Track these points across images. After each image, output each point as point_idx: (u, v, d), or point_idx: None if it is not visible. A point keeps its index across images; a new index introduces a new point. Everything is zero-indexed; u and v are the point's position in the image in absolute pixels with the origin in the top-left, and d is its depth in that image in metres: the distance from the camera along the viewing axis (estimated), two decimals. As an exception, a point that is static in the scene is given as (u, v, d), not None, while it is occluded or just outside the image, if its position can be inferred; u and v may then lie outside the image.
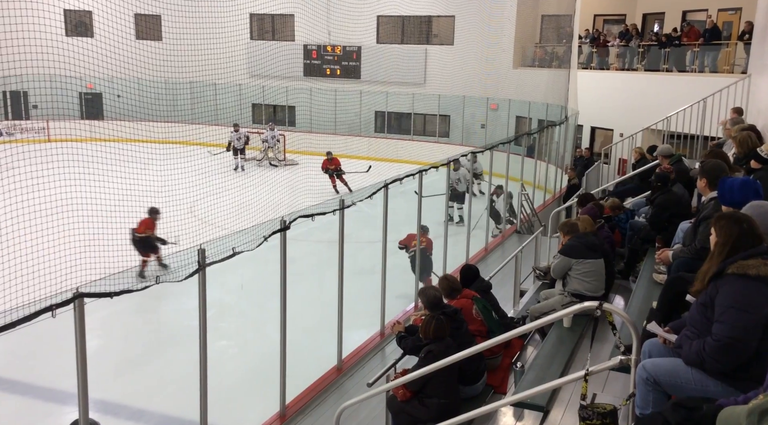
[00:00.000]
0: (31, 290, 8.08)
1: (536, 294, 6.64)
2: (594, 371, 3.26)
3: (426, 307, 4.89)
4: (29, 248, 9.48)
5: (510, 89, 21.29)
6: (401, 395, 4.57)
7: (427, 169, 8.74)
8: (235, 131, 21.07)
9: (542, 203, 14.28)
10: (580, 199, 7.61)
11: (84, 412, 4.02)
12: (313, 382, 6.44)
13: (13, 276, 8.76)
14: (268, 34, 25.91)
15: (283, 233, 5.90)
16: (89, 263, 8.41)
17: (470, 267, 6.11)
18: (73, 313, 3.96)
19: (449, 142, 23.17)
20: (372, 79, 24.10)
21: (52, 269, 8.49)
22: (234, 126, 21.21)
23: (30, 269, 8.55)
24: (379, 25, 24.40)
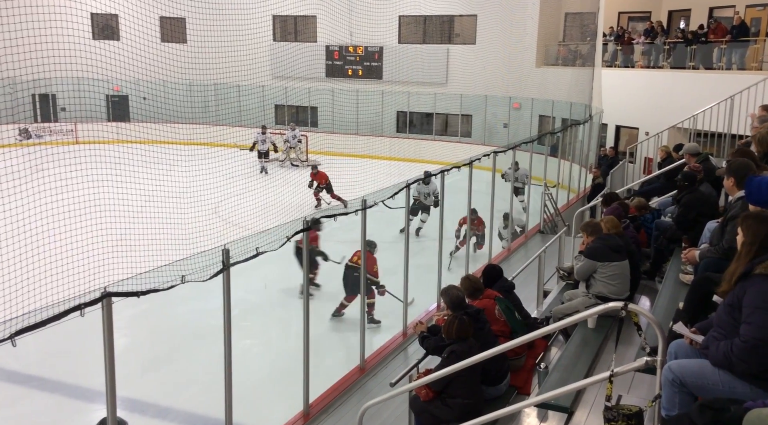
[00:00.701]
0: (60, 289, 8.25)
1: (560, 295, 6.59)
2: (619, 372, 3.23)
3: (448, 307, 4.88)
4: (58, 249, 9.66)
5: (533, 88, 21.14)
6: (424, 395, 4.57)
7: (449, 169, 8.72)
8: (262, 133, 20.58)
9: (566, 203, 14.16)
10: (605, 198, 7.53)
11: (112, 410, 4.09)
12: (336, 381, 6.47)
13: (42, 276, 8.94)
14: (291, 35, 26.07)
15: (306, 233, 5.93)
16: (116, 263, 8.55)
17: (493, 267, 6.08)
18: (101, 312, 4.03)
19: (471, 141, 23.08)
20: (394, 79, 24.11)
21: (81, 269, 8.65)
22: (262, 128, 20.72)
23: (59, 269, 8.72)
24: (401, 25, 24.40)
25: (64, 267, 8.75)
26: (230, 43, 18.68)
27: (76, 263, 8.49)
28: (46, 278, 8.60)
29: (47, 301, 7.66)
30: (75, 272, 8.59)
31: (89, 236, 11.75)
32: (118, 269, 8.20)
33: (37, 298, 7.71)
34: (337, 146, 22.64)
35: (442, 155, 20.65)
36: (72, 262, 8.68)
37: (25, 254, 9.70)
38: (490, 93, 22.76)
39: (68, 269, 8.45)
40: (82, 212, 10.43)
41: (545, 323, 5.81)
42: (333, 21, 22.93)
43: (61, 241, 9.84)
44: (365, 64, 24.69)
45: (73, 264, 8.58)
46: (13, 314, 5.83)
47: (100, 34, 24.48)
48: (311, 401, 5.97)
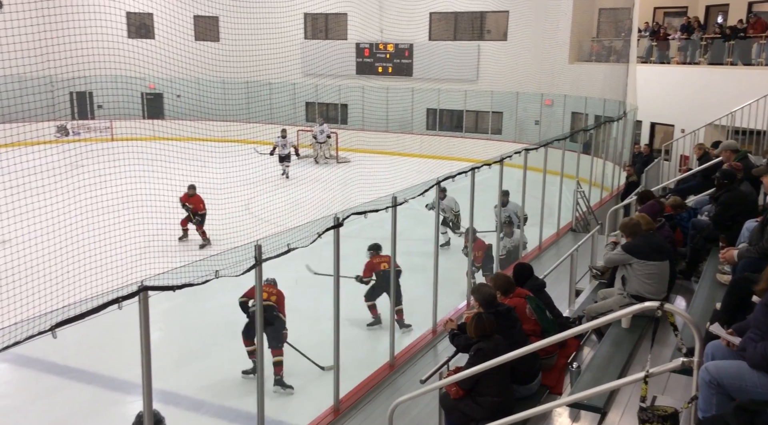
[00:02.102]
0: (98, 283, 8.44)
1: (593, 294, 6.51)
2: (654, 372, 3.18)
3: (480, 305, 4.86)
4: (96, 243, 9.89)
5: (565, 85, 20.89)
6: (454, 393, 4.57)
7: (480, 166, 8.67)
8: (282, 137, 19.77)
9: (599, 201, 13.98)
10: (640, 196, 7.41)
11: (148, 401, 4.17)
12: (366, 378, 6.50)
13: (81, 270, 9.16)
14: (322, 33, 26.20)
15: (336, 230, 5.96)
16: (152, 258, 8.73)
17: (523, 266, 6.03)
18: (138, 305, 4.12)
19: (502, 139, 22.92)
20: (424, 76, 24.06)
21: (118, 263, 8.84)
22: (282, 132, 19.94)
23: (97, 263, 8.93)
24: (431, 22, 24.33)
25: (102, 261, 8.96)
26: (262, 41, 18.83)
27: (114, 258, 8.67)
28: (84, 272, 8.81)
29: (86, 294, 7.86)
30: (112, 267, 8.79)
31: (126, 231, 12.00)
32: (153, 263, 8.37)
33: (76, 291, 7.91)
34: (367, 144, 22.68)
35: (473, 152, 20.54)
36: (109, 256, 8.87)
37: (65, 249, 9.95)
38: (521, 90, 22.56)
39: (106, 264, 8.64)
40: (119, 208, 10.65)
41: (577, 322, 5.75)
42: (363, 18, 22.98)
43: (99, 236, 10.07)
44: (395, 62, 24.68)
45: (110, 259, 8.77)
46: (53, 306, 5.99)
47: (136, 32, 24.91)
48: (341, 396, 6.01)
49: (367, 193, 11.75)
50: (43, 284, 8.69)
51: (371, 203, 6.86)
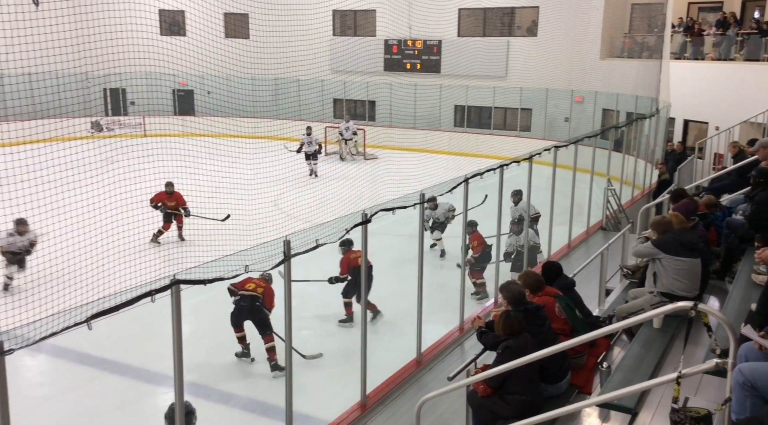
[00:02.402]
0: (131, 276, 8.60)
1: (623, 293, 6.43)
2: (687, 373, 3.14)
3: (508, 303, 4.84)
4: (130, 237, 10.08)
5: (596, 81, 20.61)
6: (482, 390, 4.55)
7: (509, 163, 8.61)
8: (308, 134, 19.35)
9: (630, 199, 13.78)
10: (674, 195, 7.28)
11: (180, 393, 4.24)
12: (393, 374, 6.51)
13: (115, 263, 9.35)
14: (350, 30, 26.25)
15: (364, 226, 5.98)
16: (184, 252, 8.87)
17: (552, 264, 5.98)
18: (170, 298, 4.19)
19: (531, 136, 22.72)
20: (452, 73, 23.96)
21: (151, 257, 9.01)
22: (306, 129, 19.52)
23: (131, 257, 9.11)
24: (460, 18, 24.19)
25: (136, 255, 9.14)
26: (291, 38, 18.95)
27: (147, 252, 8.82)
28: (118, 266, 8.98)
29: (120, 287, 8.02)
30: (145, 260, 8.95)
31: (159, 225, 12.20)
32: (185, 257, 8.51)
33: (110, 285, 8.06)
34: (395, 140, 22.69)
35: (501, 149, 20.40)
36: (143, 250, 9.03)
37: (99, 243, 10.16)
38: (551, 86, 22.32)
39: (139, 257, 8.81)
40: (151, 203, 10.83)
41: (607, 322, 5.69)
42: (392, 15, 22.96)
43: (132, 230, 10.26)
44: (423, 58, 24.62)
45: (143, 252, 8.93)
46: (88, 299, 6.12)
47: (168, 30, 25.25)
48: (368, 392, 6.04)
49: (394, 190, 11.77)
50: (78, 277, 8.89)
51: (399, 199, 6.87)
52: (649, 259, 5.62)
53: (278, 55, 19.63)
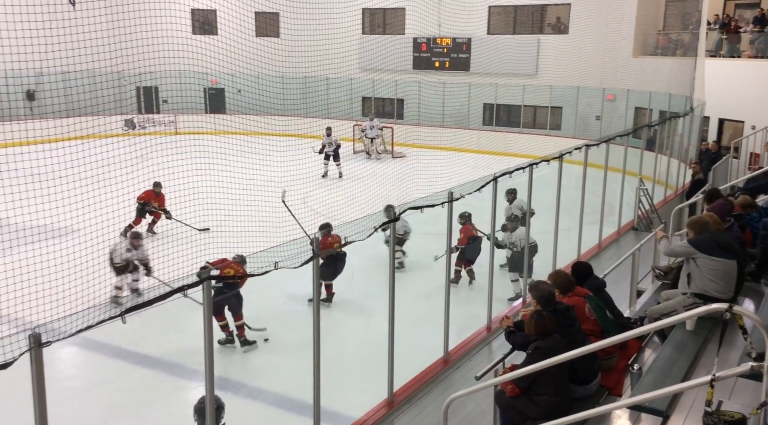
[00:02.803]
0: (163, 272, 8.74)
1: (655, 295, 6.33)
2: (721, 377, 3.08)
3: (537, 303, 4.80)
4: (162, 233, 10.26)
5: (629, 79, 20.29)
6: (510, 390, 4.53)
7: (538, 162, 8.53)
8: (328, 135, 18.78)
9: (662, 199, 13.55)
10: (709, 195, 7.14)
11: (210, 387, 4.30)
12: (420, 372, 6.52)
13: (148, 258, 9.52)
14: (380, 28, 26.27)
15: (392, 225, 5.99)
16: (215, 249, 8.97)
17: (582, 264, 5.91)
18: (201, 294, 4.25)
19: (560, 135, 22.47)
20: (481, 71, 23.81)
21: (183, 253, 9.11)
22: (327, 129, 18.94)
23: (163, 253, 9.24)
24: (490, 15, 24.03)
25: (168, 251, 9.27)
26: (321, 36, 19.06)
27: (179, 248, 8.95)
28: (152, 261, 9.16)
29: (152, 283, 8.18)
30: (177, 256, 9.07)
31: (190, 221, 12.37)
32: (216, 254, 8.62)
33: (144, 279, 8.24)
34: (423, 139, 22.64)
35: (530, 148, 20.21)
36: (174, 246, 9.15)
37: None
38: (582, 84, 22.04)
39: (171, 253, 8.92)
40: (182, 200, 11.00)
41: (639, 323, 5.60)
42: (421, 13, 22.91)
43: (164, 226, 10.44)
44: (452, 56, 24.52)
45: (175, 248, 9.05)
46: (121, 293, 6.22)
47: (200, 29, 25.58)
48: (395, 390, 6.05)
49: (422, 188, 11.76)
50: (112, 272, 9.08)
51: (427, 198, 6.86)
52: (684, 259, 5.52)
53: (308, 53, 19.76)
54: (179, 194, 11.09)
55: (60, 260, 9.50)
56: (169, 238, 10.09)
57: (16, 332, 3.50)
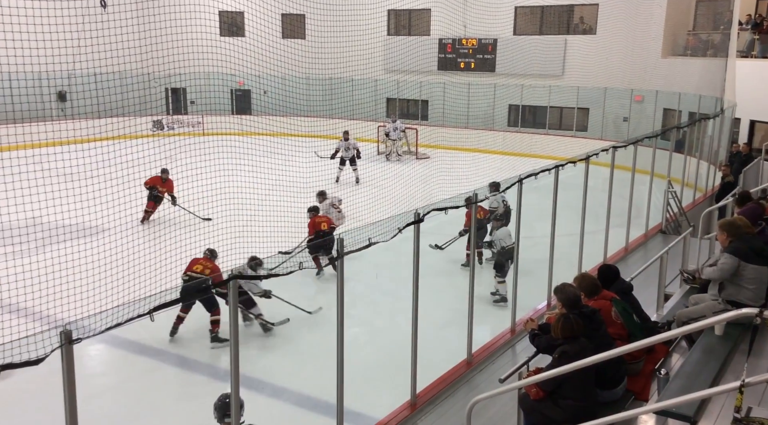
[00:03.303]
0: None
1: (683, 299, 6.23)
2: (751, 383, 3.02)
3: (563, 306, 4.76)
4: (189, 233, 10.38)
5: (658, 80, 20.00)
6: (534, 394, 4.50)
7: (564, 164, 8.46)
8: (345, 139, 17.82)
9: (691, 202, 13.34)
10: (739, 198, 7.01)
11: (235, 385, 4.35)
12: (443, 374, 6.50)
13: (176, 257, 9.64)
14: (405, 29, 26.28)
15: (416, 226, 5.99)
16: (241, 248, 9.06)
17: (609, 267, 5.84)
18: (228, 293, 4.30)
19: (587, 136, 22.24)
20: (507, 71, 23.67)
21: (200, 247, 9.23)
22: (344, 134, 17.97)
23: (191, 253, 9.36)
24: (517, 16, 23.89)
25: (195, 250, 9.38)
26: (346, 37, 19.12)
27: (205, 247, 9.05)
28: (179, 260, 9.26)
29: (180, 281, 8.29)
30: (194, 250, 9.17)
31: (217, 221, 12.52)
32: (243, 253, 8.71)
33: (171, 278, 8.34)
34: (447, 140, 22.58)
35: (556, 150, 20.06)
36: (202, 246, 9.27)
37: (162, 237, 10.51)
38: (610, 85, 21.80)
39: (198, 253, 9.03)
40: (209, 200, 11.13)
41: (666, 327, 5.52)
42: (447, 14, 22.87)
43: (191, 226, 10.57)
44: (478, 57, 24.42)
45: (202, 247, 9.16)
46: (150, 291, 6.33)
47: (227, 31, 25.83)
48: (418, 391, 6.04)
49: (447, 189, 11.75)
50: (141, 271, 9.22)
51: (451, 199, 6.85)
52: None
53: (333, 54, 19.85)
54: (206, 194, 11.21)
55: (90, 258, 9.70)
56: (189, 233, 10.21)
57: (47, 329, 3.57)
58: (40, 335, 3.40)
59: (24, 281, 8.11)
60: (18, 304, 8.24)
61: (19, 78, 14.75)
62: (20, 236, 9.22)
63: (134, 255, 10.14)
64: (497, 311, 8.56)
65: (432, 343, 7.92)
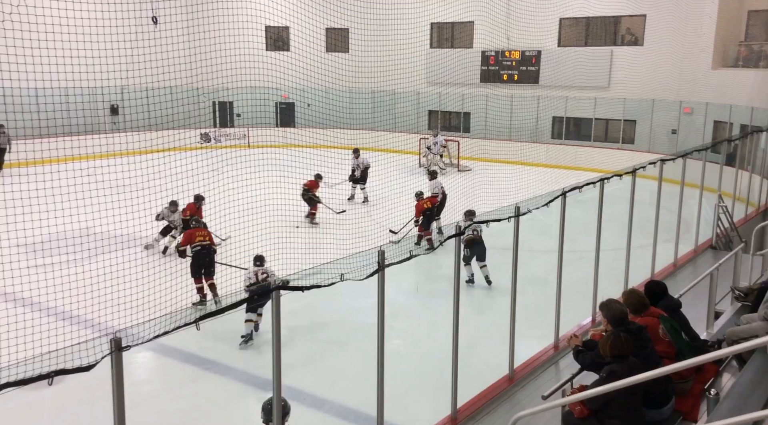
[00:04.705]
0: (236, 281, 9.01)
1: (734, 317, 6.04)
2: (807, 407, 2.91)
3: (608, 322, 4.67)
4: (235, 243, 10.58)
5: (708, 92, 19.51)
6: (578, 412, 4.41)
7: (610, 177, 8.32)
8: (356, 157, 17.25)
9: (743, 217, 12.92)
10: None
11: (277, 394, 4.40)
12: (485, 389, 6.43)
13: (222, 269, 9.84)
14: (447, 42, 26.32)
15: (457, 239, 5.98)
16: (285, 259, 9.19)
17: (657, 283, 5.71)
18: (270, 303, 4.36)
19: (633, 148, 21.81)
20: (551, 83, 23.45)
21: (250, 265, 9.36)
22: (354, 152, 17.36)
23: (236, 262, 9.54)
24: (561, 27, 23.68)
25: (240, 261, 9.56)
26: (389, 51, 19.27)
27: (250, 258, 9.20)
28: (225, 271, 9.46)
29: (225, 292, 8.45)
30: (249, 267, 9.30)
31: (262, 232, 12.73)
32: (285, 264, 8.82)
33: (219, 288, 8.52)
34: (489, 152, 22.47)
35: (602, 162, 19.74)
36: (246, 257, 9.43)
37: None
38: (657, 97, 21.36)
39: (243, 263, 9.20)
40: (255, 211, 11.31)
41: (716, 346, 5.36)
42: (490, 26, 22.84)
43: (238, 237, 10.76)
44: (521, 69, 24.26)
45: (247, 259, 9.32)
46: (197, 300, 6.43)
47: (273, 45, 26.32)
48: (459, 406, 5.99)
49: (489, 202, 11.69)
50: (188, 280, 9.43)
51: (493, 212, 6.80)
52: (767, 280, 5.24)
53: (376, 67, 20.02)
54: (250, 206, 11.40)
55: (140, 268, 9.98)
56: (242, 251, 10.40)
57: (98, 336, 3.68)
58: (91, 342, 3.50)
59: (77, 289, 8.39)
60: (71, 312, 8.52)
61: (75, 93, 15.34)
62: (74, 245, 9.54)
63: (182, 264, 10.39)
64: (540, 326, 8.42)
65: (472, 356, 7.88)
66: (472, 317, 9.34)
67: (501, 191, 17.85)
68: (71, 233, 10.07)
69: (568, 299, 7.71)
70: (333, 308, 9.65)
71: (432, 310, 9.95)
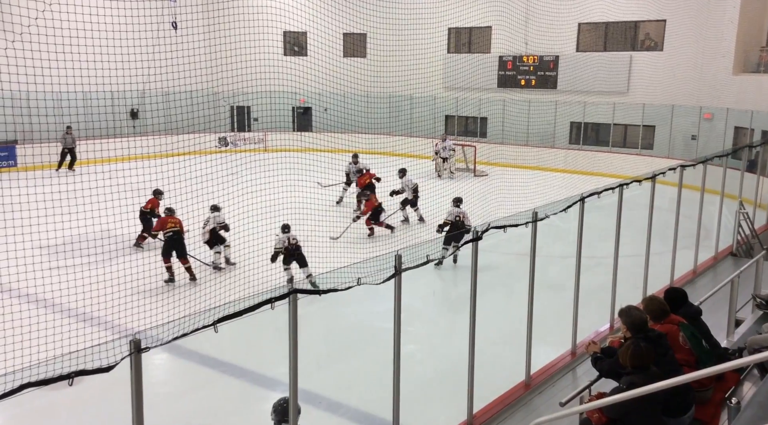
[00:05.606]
0: (252, 284, 9.06)
1: (756, 325, 5.96)
2: (831, 417, 2.86)
3: (627, 329, 4.62)
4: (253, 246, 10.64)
5: (728, 97, 19.29)
6: (596, 419, 4.37)
7: (629, 183, 8.25)
8: (354, 163, 16.57)
9: (765, 224, 12.74)
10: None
11: (294, 397, 4.41)
12: (501, 395, 6.40)
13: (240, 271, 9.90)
14: (465, 46, 26.30)
15: (474, 243, 5.96)
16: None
17: (677, 290, 5.64)
18: (287, 306, 4.38)
19: (653, 154, 21.60)
20: (569, 88, 23.33)
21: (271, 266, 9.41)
22: (353, 157, 16.69)
23: (253, 266, 9.59)
24: (580, 32, 23.57)
25: (258, 264, 9.60)
26: (407, 56, 19.31)
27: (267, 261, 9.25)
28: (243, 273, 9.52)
29: (242, 294, 8.50)
30: (266, 269, 9.36)
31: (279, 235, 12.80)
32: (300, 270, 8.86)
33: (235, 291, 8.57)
34: (506, 157, 22.39)
35: (620, 168, 19.56)
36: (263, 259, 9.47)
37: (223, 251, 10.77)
38: (677, 103, 21.16)
39: (261, 266, 9.24)
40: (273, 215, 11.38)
41: (737, 354, 5.28)
42: (508, 31, 22.78)
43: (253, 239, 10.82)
44: (539, 74, 24.16)
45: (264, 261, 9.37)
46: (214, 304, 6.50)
47: (291, 50, 26.48)
48: (475, 412, 5.96)
49: (506, 207, 11.65)
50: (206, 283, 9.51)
51: (510, 217, 6.77)
52: None
53: (393, 72, 20.06)
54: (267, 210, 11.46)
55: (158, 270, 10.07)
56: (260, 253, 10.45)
57: (117, 337, 3.72)
58: (111, 343, 3.54)
59: (97, 291, 8.48)
60: (91, 313, 8.62)
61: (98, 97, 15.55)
62: (94, 247, 9.66)
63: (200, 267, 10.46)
64: (557, 332, 8.35)
65: (489, 362, 7.83)
66: (489, 323, 9.25)
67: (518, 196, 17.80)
68: (92, 235, 10.19)
69: (585, 306, 7.65)
70: (349, 312, 9.66)
71: (448, 315, 9.92)
